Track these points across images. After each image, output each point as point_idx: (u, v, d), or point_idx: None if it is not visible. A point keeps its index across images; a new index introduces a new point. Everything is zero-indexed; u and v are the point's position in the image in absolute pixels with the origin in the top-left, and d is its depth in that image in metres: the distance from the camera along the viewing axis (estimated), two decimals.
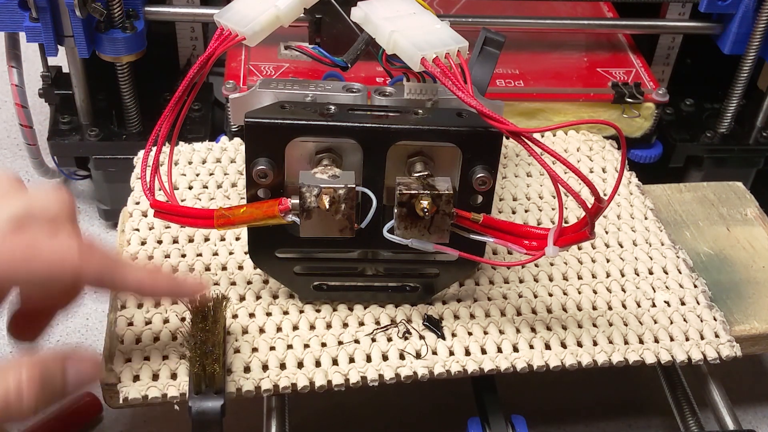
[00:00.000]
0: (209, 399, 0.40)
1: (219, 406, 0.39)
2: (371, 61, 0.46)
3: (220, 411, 0.39)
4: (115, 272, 0.39)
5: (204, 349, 0.40)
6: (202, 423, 0.39)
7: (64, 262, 0.37)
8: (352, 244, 0.43)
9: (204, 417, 0.39)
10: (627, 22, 0.65)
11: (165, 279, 0.42)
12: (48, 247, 0.36)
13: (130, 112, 0.60)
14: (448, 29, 0.41)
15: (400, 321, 0.45)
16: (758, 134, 0.65)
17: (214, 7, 0.60)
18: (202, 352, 0.40)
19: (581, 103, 0.61)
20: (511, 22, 0.63)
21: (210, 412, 0.39)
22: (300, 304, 0.46)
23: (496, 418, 0.44)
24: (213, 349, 0.40)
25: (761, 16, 0.59)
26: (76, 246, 0.37)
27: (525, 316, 0.46)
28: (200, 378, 0.40)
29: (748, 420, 0.54)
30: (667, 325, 0.46)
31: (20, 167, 0.69)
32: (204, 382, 0.40)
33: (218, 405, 0.40)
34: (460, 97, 0.37)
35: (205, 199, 0.51)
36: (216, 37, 0.42)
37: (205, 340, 0.40)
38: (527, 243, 0.40)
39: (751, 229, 0.55)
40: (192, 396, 0.40)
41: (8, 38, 0.58)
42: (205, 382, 0.40)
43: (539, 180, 0.55)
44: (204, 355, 0.40)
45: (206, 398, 0.40)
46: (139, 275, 0.40)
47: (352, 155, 0.41)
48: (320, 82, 0.45)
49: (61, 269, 0.36)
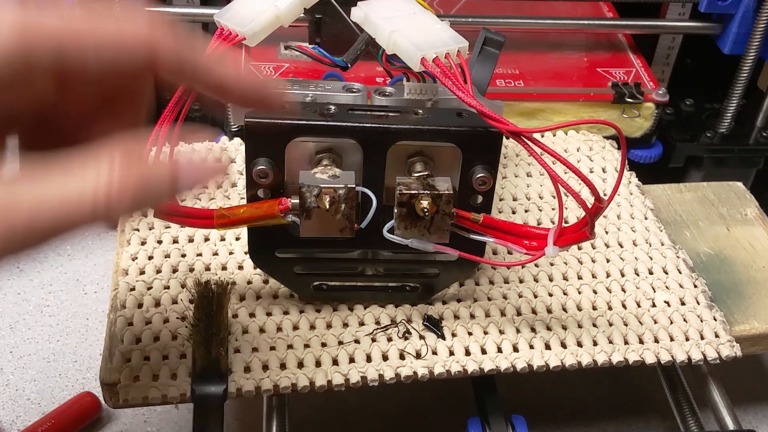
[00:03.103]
0: (212, 383, 0.40)
1: (222, 390, 0.40)
2: (371, 61, 0.46)
3: (222, 395, 0.39)
4: (197, 55, 0.31)
5: (209, 332, 0.40)
6: (204, 407, 0.40)
7: (137, 34, 0.29)
8: (352, 244, 0.43)
9: (207, 401, 0.39)
10: (627, 22, 0.65)
11: (251, 79, 0.34)
12: (112, 16, 0.29)
13: None
14: (448, 29, 0.41)
15: (400, 321, 0.45)
16: (758, 134, 0.65)
17: (214, 7, 0.60)
18: (206, 336, 0.40)
19: (581, 103, 0.61)
20: (511, 22, 0.63)
21: (213, 396, 0.39)
22: (300, 304, 0.46)
23: (496, 418, 0.44)
24: (217, 333, 0.40)
25: (761, 16, 0.59)
26: (147, 17, 0.29)
27: (525, 316, 0.46)
28: (205, 361, 0.40)
29: (748, 420, 0.54)
30: (667, 325, 0.46)
31: None
32: (208, 366, 0.40)
33: (221, 389, 0.40)
34: (460, 97, 0.37)
35: (205, 199, 0.51)
36: (216, 37, 0.42)
37: (210, 324, 0.40)
38: (527, 243, 0.40)
39: (751, 229, 0.55)
40: (195, 379, 0.40)
41: None
42: (209, 365, 0.40)
43: (539, 180, 0.55)
44: (208, 338, 0.40)
45: (209, 382, 0.40)
46: (225, 69, 0.32)
47: (352, 155, 0.41)
48: (320, 82, 0.45)
49: (133, 41, 0.29)
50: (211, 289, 0.42)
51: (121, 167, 0.28)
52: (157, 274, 0.46)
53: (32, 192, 0.27)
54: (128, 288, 0.46)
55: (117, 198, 0.28)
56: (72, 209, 0.28)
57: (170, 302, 0.45)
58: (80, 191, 0.28)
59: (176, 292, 0.46)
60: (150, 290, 0.46)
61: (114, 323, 0.44)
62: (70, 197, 0.28)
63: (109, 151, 0.28)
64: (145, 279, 0.46)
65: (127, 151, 0.28)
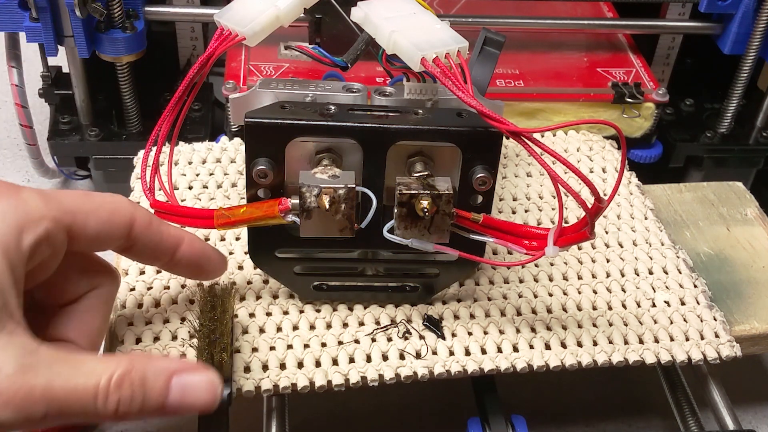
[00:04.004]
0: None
1: (226, 395, 0.39)
2: (371, 61, 0.46)
3: (227, 399, 0.39)
4: (159, 221, 0.40)
5: (212, 338, 0.40)
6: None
7: (121, 207, 0.38)
8: (352, 244, 0.43)
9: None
10: (627, 22, 0.65)
11: (201, 242, 0.42)
12: (101, 195, 0.39)
13: (130, 112, 0.61)
14: (448, 29, 0.41)
15: (400, 321, 0.45)
16: (758, 134, 0.65)
17: (214, 7, 0.60)
18: (210, 341, 0.40)
19: (581, 103, 0.61)
20: (511, 22, 0.63)
21: None
22: (300, 304, 0.46)
23: (496, 418, 0.44)
24: (221, 338, 0.40)
25: (761, 16, 0.59)
26: (125, 198, 0.40)
27: (525, 316, 0.46)
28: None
29: (748, 420, 0.54)
30: (667, 325, 0.46)
31: (20, 167, 0.69)
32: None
33: (225, 393, 0.40)
34: (460, 97, 0.37)
35: (205, 199, 0.51)
36: (216, 37, 0.42)
37: (213, 329, 0.40)
38: (527, 243, 0.40)
39: (751, 229, 0.55)
40: None
41: (8, 38, 0.58)
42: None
43: (539, 180, 0.55)
44: (212, 343, 0.40)
45: None
46: (179, 232, 0.41)
47: (352, 155, 0.41)
48: (320, 82, 0.45)
49: (119, 214, 0.38)
50: (216, 295, 0.42)
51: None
52: (157, 275, 0.46)
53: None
54: (128, 288, 0.46)
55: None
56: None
57: (170, 302, 0.45)
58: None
59: (176, 292, 0.46)
60: (150, 290, 0.46)
61: (114, 323, 0.44)
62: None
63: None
64: (145, 279, 0.46)
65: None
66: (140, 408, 0.34)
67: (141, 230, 0.39)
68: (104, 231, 0.38)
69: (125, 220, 0.39)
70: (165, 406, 0.35)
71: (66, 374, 0.33)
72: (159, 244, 0.40)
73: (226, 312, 0.41)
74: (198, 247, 0.42)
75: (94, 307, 0.39)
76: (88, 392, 0.33)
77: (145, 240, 0.39)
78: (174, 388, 0.35)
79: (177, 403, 0.35)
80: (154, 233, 0.40)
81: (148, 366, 0.35)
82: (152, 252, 0.40)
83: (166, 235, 0.40)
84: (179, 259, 0.41)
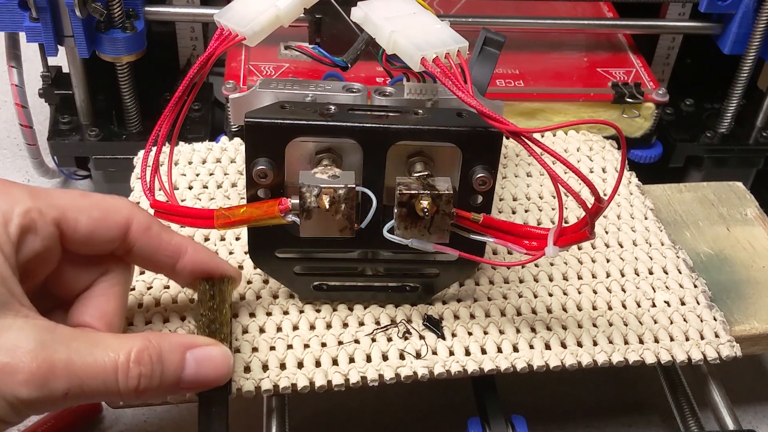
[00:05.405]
0: None
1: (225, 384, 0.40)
2: (371, 61, 0.46)
3: (226, 389, 0.39)
4: (161, 227, 0.40)
5: (212, 328, 0.40)
6: (208, 400, 0.39)
7: (118, 208, 0.38)
8: (352, 244, 0.43)
9: (210, 394, 0.39)
10: (627, 22, 0.65)
11: (207, 253, 0.42)
12: (100, 196, 0.38)
13: (130, 112, 0.61)
14: (448, 29, 0.41)
15: (400, 321, 0.45)
16: (758, 134, 0.65)
17: (214, 7, 0.60)
18: (210, 332, 0.40)
19: (581, 103, 0.61)
20: (511, 22, 0.63)
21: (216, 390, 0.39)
22: (300, 304, 0.46)
23: (496, 418, 0.44)
24: (220, 328, 0.40)
25: (761, 16, 0.59)
26: (127, 200, 0.39)
27: (525, 316, 0.46)
28: None
29: (748, 420, 0.54)
30: (667, 325, 0.46)
31: (20, 167, 0.69)
32: None
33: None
34: (460, 97, 0.37)
35: (205, 199, 0.51)
36: (216, 37, 0.42)
37: (213, 319, 0.40)
38: (527, 243, 0.40)
39: (751, 229, 0.55)
40: None
41: (8, 38, 0.58)
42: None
43: (539, 180, 0.55)
44: (211, 334, 0.40)
45: None
46: (183, 241, 0.41)
47: (352, 155, 0.41)
48: (320, 82, 0.45)
49: (115, 214, 0.38)
50: (213, 284, 0.42)
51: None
52: (157, 274, 0.46)
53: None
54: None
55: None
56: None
57: (170, 302, 0.45)
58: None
59: (176, 292, 0.46)
60: (150, 290, 0.46)
61: None
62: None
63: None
64: (145, 279, 0.46)
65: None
66: (159, 383, 0.35)
67: (138, 234, 0.39)
68: (97, 230, 0.38)
69: (120, 221, 0.38)
70: (181, 380, 0.36)
71: (85, 351, 0.34)
72: (158, 250, 0.40)
73: (225, 301, 0.42)
74: (202, 259, 0.41)
75: (106, 290, 0.39)
76: (107, 368, 0.34)
77: (142, 244, 0.39)
78: (189, 361, 0.36)
79: (192, 377, 0.36)
80: (153, 238, 0.39)
81: (162, 341, 0.36)
82: (150, 258, 0.40)
83: (166, 242, 0.40)
84: (181, 269, 0.41)
